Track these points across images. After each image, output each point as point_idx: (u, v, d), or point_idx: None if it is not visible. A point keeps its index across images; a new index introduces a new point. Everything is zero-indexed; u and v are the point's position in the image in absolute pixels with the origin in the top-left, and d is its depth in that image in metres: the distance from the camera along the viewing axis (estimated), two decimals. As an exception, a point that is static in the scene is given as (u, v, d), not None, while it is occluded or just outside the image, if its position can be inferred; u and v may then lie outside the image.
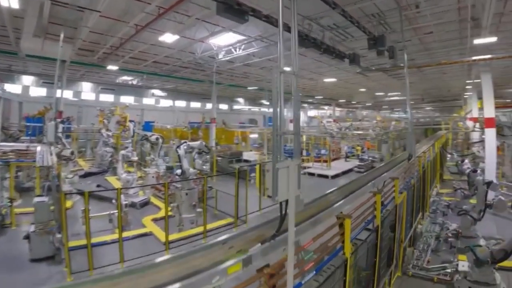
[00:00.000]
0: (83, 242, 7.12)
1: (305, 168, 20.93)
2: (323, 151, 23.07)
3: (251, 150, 23.68)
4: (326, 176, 19.32)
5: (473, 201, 10.76)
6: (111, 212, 9.37)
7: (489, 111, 12.81)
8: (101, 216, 9.42)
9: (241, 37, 12.85)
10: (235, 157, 20.28)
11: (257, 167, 15.17)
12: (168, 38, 11.63)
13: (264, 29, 11.58)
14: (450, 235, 8.53)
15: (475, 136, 21.22)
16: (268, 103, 37.78)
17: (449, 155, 18.46)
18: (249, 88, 26.10)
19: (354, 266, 4.45)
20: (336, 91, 29.73)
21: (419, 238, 9.15)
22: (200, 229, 9.35)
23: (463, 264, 6.78)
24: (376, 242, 5.40)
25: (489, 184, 9.42)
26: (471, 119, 28.96)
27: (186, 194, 10.21)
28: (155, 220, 10.43)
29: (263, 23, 10.95)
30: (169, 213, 8.94)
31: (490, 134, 12.81)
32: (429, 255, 8.31)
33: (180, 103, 34.55)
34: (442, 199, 11.34)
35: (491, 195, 8.33)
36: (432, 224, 10.04)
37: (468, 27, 10.78)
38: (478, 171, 9.87)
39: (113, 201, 9.56)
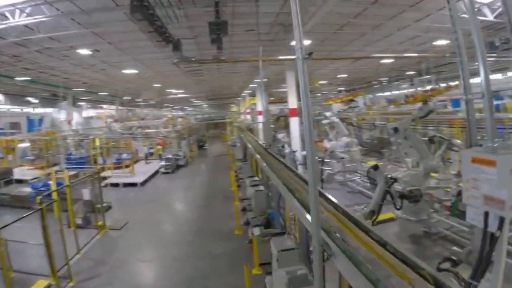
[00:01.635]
0: None
1: (105, 178, 17.53)
2: (124, 155, 20.09)
3: (21, 165, 17.18)
4: (134, 184, 16.90)
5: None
6: None
7: (293, 103, 15.00)
8: None
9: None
10: (2, 177, 14.57)
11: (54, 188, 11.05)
12: None
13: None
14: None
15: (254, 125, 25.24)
16: (37, 100, 28.68)
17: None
18: (17, 79, 18.16)
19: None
20: (126, 86, 26.33)
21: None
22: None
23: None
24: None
25: (322, 162, 11.12)
26: (248, 113, 34.30)
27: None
28: None
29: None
30: None
31: (294, 122, 14.89)
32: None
33: None
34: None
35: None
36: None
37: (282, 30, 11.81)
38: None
39: None
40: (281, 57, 13.80)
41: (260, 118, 26.76)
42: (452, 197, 5.08)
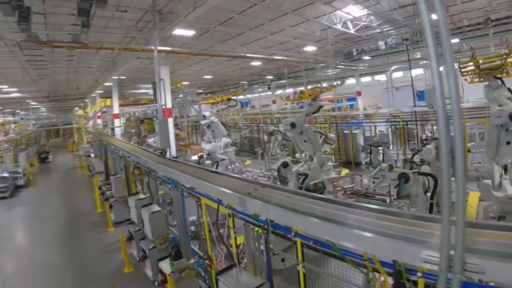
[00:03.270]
0: None
1: None
2: None
3: None
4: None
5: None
6: None
7: (168, 102, 13.61)
8: None
9: None
10: None
11: None
12: None
13: None
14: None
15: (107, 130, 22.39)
16: None
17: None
18: None
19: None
20: None
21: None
22: None
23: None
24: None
25: (217, 165, 10.47)
26: (99, 116, 29.83)
27: None
28: None
29: None
30: None
31: (169, 123, 13.57)
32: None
33: None
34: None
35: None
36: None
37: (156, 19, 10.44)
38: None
39: None
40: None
41: (117, 122, 23.60)
42: (392, 180, 5.29)
